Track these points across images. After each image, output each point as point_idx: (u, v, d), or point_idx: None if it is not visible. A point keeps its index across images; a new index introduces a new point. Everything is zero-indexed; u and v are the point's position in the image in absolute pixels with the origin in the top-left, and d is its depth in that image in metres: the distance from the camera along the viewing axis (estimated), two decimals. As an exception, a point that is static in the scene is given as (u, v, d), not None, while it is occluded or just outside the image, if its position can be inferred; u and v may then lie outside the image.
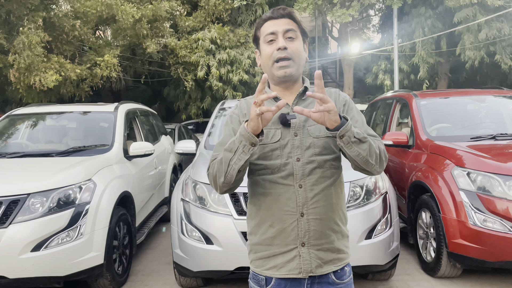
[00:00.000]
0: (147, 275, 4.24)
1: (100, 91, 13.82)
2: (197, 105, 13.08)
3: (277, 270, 1.50)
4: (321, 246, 1.49)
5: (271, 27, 1.54)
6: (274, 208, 1.50)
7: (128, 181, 4.36)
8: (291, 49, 1.52)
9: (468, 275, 3.93)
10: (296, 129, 1.51)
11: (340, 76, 23.13)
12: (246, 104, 1.64)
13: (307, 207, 1.48)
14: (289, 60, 1.51)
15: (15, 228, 3.18)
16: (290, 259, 1.48)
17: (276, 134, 1.51)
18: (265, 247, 1.53)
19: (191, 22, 12.18)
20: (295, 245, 1.48)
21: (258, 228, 1.55)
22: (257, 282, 1.56)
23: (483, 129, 4.67)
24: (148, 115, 6.42)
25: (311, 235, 1.48)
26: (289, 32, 1.53)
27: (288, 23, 1.55)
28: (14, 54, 8.69)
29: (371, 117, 6.76)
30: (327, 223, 1.50)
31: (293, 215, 1.48)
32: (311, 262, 1.48)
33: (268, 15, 1.58)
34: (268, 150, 1.51)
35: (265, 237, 1.52)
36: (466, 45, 12.44)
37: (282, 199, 1.49)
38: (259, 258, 1.55)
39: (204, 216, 3.35)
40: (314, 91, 1.34)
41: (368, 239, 3.30)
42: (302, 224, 1.48)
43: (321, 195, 1.49)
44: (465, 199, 3.56)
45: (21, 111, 5.20)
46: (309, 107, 1.52)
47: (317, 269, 1.48)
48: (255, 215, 1.56)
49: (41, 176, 3.57)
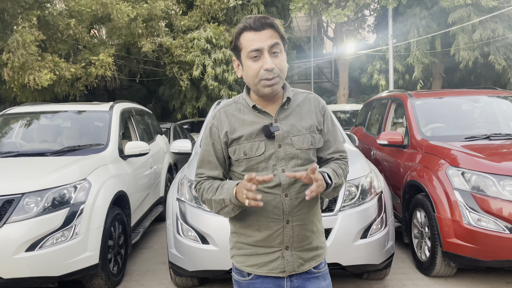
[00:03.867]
0: (142, 275, 4.23)
1: (95, 90, 13.76)
2: (193, 105, 13.05)
3: (257, 268, 1.58)
4: (303, 248, 1.58)
5: (255, 43, 1.49)
6: (262, 214, 1.55)
7: (123, 181, 4.35)
8: (277, 66, 1.51)
9: (462, 274, 3.96)
10: (280, 141, 1.55)
11: (336, 76, 23.19)
12: (225, 115, 1.62)
13: (292, 214, 1.55)
14: (276, 78, 1.51)
15: (9, 228, 3.16)
16: (273, 260, 1.57)
17: (260, 147, 1.55)
18: (248, 246, 1.60)
19: (186, 22, 12.15)
20: (280, 248, 1.56)
21: (244, 230, 1.60)
22: (240, 274, 1.64)
23: (478, 129, 4.70)
24: (143, 114, 6.40)
25: (294, 240, 1.56)
26: (274, 47, 1.51)
27: (272, 35, 1.51)
28: (8, 52, 8.63)
29: (366, 117, 6.78)
30: (309, 227, 1.59)
31: (279, 222, 1.55)
32: (294, 262, 1.57)
33: (249, 23, 1.50)
34: (254, 163, 1.55)
35: (251, 239, 1.59)
36: (460, 46, 12.51)
37: (269, 207, 1.54)
38: (241, 254, 1.62)
39: (199, 216, 3.35)
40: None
41: (363, 238, 3.31)
42: (287, 230, 1.55)
43: (304, 203, 1.56)
44: (459, 198, 3.58)
45: (15, 110, 5.17)
46: (290, 116, 1.59)
47: (299, 267, 1.58)
48: (241, 218, 1.60)
49: (35, 175, 3.55)
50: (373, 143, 5.72)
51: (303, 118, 1.61)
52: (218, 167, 1.62)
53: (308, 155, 1.58)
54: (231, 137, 1.57)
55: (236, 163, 1.59)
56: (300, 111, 1.62)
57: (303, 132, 1.59)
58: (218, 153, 1.62)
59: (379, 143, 4.87)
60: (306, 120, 1.61)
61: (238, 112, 1.60)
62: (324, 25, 22.08)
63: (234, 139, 1.57)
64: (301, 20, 21.12)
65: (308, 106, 1.64)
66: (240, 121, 1.58)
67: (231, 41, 1.59)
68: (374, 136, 5.81)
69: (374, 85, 15.72)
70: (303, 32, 22.32)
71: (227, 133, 1.58)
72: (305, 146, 1.57)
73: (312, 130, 1.61)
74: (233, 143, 1.58)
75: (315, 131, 1.62)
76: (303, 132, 1.59)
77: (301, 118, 1.60)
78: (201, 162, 1.65)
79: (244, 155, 1.55)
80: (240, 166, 1.57)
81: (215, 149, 1.61)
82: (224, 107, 1.65)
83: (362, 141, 6.33)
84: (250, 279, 1.60)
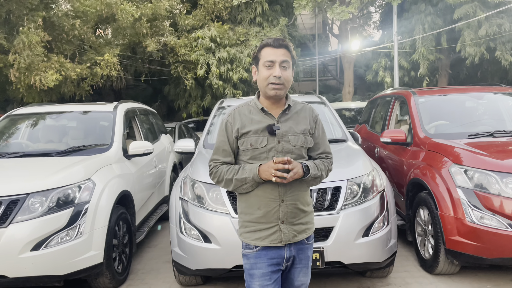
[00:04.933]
0: (146, 274, 4.27)
1: (101, 90, 13.83)
2: (198, 104, 13.08)
3: (261, 241, 1.99)
4: (295, 222, 2.01)
5: (271, 55, 1.96)
6: (262, 195, 1.99)
7: (127, 180, 4.39)
8: (284, 77, 1.97)
9: (466, 272, 3.95)
10: (279, 137, 2.00)
11: (341, 73, 23.12)
12: (238, 114, 2.05)
13: (286, 195, 1.98)
14: (281, 85, 1.97)
15: (15, 228, 3.21)
16: (272, 233, 1.99)
17: (264, 141, 1.99)
18: (252, 223, 2.01)
19: (190, 21, 12.16)
20: (277, 223, 1.99)
21: (248, 209, 2.03)
22: (248, 247, 2.05)
23: (482, 126, 4.67)
24: (147, 114, 6.43)
25: (288, 215, 1.99)
26: (284, 63, 1.97)
27: (284, 54, 1.97)
28: (14, 53, 8.70)
29: (370, 115, 6.77)
30: (299, 206, 2.02)
31: (276, 201, 1.98)
32: (289, 234, 2.00)
33: (270, 42, 1.99)
34: (257, 153, 1.99)
35: (253, 217, 2.01)
36: (466, 42, 12.42)
37: (268, 189, 1.97)
38: (247, 231, 2.03)
39: (202, 215, 3.37)
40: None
41: (365, 236, 3.32)
42: (282, 208, 1.98)
43: (296, 187, 2.00)
44: (462, 196, 3.57)
45: (21, 111, 5.23)
46: (289, 120, 2.04)
47: (293, 238, 2.01)
48: (246, 200, 2.04)
49: (40, 175, 3.60)
50: (377, 141, 5.71)
51: (299, 123, 2.05)
52: (231, 155, 2.06)
53: (300, 152, 2.03)
54: (241, 132, 2.01)
55: (243, 153, 2.03)
56: (297, 117, 2.07)
57: (298, 133, 2.03)
58: (231, 144, 2.04)
59: (382, 141, 4.86)
60: (301, 125, 2.05)
61: (249, 113, 2.05)
62: (329, 22, 22.00)
63: (243, 133, 2.01)
64: (306, 18, 21.07)
65: (304, 114, 2.09)
66: (250, 119, 2.02)
67: (254, 52, 2.07)
68: (378, 134, 5.80)
69: (379, 82, 15.66)
70: (308, 30, 22.26)
71: (238, 129, 2.01)
72: (298, 144, 2.02)
73: (305, 133, 2.05)
74: (242, 136, 2.01)
75: (307, 134, 2.06)
76: (298, 133, 2.03)
77: (297, 123, 2.05)
78: (217, 150, 2.08)
79: (250, 146, 1.99)
80: (246, 155, 2.01)
81: (229, 141, 2.04)
82: (238, 108, 2.09)
83: (366, 139, 6.32)
84: (257, 251, 2.00)
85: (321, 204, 3.29)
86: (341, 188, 3.35)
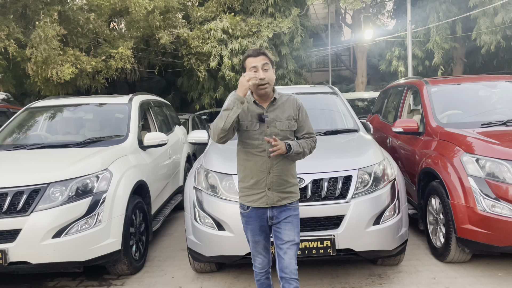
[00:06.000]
0: (163, 261, 4.40)
1: (116, 83, 13.98)
2: (210, 95, 13.14)
3: (253, 203, 2.56)
4: (280, 190, 2.54)
5: (253, 63, 2.51)
6: (254, 168, 2.55)
7: (143, 171, 4.50)
8: (267, 76, 2.52)
9: (477, 260, 3.98)
10: (268, 124, 2.54)
11: (354, 63, 22.94)
12: None
13: (272, 169, 2.52)
14: (267, 84, 2.52)
15: (37, 216, 3.34)
16: (261, 197, 2.54)
17: (256, 126, 2.55)
18: (246, 189, 2.59)
19: (203, 13, 12.18)
20: (264, 190, 2.54)
21: (244, 179, 2.60)
22: (243, 208, 2.63)
23: (495, 115, 4.65)
24: (161, 105, 6.54)
25: (274, 184, 2.53)
26: (265, 65, 2.52)
27: (264, 59, 2.52)
28: (31, 48, 8.85)
29: (383, 105, 6.76)
30: (284, 178, 2.55)
31: (264, 173, 2.53)
32: (273, 198, 2.54)
33: (250, 53, 2.54)
34: (251, 134, 2.55)
35: (247, 184, 2.58)
36: (482, 30, 12.20)
37: (258, 164, 2.53)
38: (243, 195, 2.61)
39: (215, 204, 3.46)
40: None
41: (376, 224, 3.37)
42: (269, 178, 2.53)
43: (281, 163, 2.53)
44: (473, 185, 3.59)
45: (39, 104, 5.37)
46: (276, 110, 2.58)
47: (277, 202, 2.55)
48: (242, 172, 2.61)
49: (60, 166, 3.72)
50: (389, 131, 5.72)
51: (284, 112, 2.59)
52: None
53: (285, 134, 2.56)
54: (240, 118, 2.55)
55: (240, 133, 2.59)
56: (283, 107, 2.60)
57: (283, 120, 2.57)
58: None
59: (394, 131, 4.88)
60: (286, 113, 2.59)
61: (247, 104, 2.57)
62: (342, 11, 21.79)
63: (242, 119, 2.56)
64: (318, 8, 20.89)
65: (289, 104, 2.63)
66: (247, 108, 2.57)
67: (241, 63, 2.63)
68: (390, 124, 5.80)
69: (393, 72, 15.49)
70: (320, 20, 22.05)
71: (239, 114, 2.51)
72: (283, 128, 2.56)
73: (290, 119, 2.58)
74: (240, 120, 2.56)
75: (291, 119, 2.59)
76: (283, 120, 2.57)
77: (283, 112, 2.59)
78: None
79: (245, 128, 2.55)
80: (242, 135, 2.58)
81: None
82: None
83: (378, 129, 6.33)
84: (249, 211, 2.59)
85: (332, 192, 3.34)
86: (352, 177, 3.40)
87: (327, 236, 3.24)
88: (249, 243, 2.70)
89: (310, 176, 3.35)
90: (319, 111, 5.02)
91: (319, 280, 3.73)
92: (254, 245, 2.66)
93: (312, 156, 2.77)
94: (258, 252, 2.67)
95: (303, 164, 3.35)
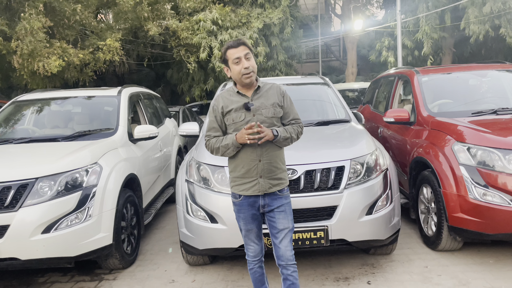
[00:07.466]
0: (155, 254, 4.37)
1: (104, 75, 13.81)
2: (201, 87, 13.05)
3: (246, 191, 2.57)
4: (271, 177, 2.55)
5: (236, 54, 2.51)
6: (244, 157, 2.55)
7: (133, 164, 4.45)
8: (251, 65, 2.53)
9: (468, 248, 4.01)
10: (254, 112, 2.55)
11: (344, 54, 22.95)
12: (221, 97, 2.64)
13: (262, 156, 2.53)
14: (252, 72, 2.53)
15: (25, 211, 3.28)
16: (253, 185, 2.55)
17: (242, 116, 2.56)
18: (238, 178, 2.59)
19: (192, 3, 12.02)
20: (256, 178, 2.54)
21: (235, 168, 2.60)
22: (235, 197, 2.64)
23: (485, 104, 4.67)
24: (151, 98, 6.46)
25: (265, 172, 2.54)
26: (247, 55, 2.53)
27: (244, 48, 2.53)
28: (17, 40, 8.67)
29: (374, 95, 6.76)
30: (274, 164, 2.56)
31: (255, 161, 2.53)
32: (265, 186, 2.55)
33: (231, 44, 2.55)
34: (239, 126, 2.55)
35: (239, 174, 2.58)
36: (470, 19, 12.25)
37: (248, 152, 2.53)
38: (235, 185, 2.62)
39: (208, 196, 3.43)
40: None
41: (368, 214, 3.37)
42: (260, 166, 2.53)
43: (270, 149, 2.54)
44: (465, 173, 3.61)
45: (26, 97, 5.27)
46: (260, 98, 2.59)
47: (269, 189, 2.55)
48: (233, 161, 2.61)
49: (48, 160, 3.65)
50: (380, 121, 5.73)
51: (268, 99, 2.60)
52: (219, 130, 2.64)
53: (272, 121, 2.58)
54: (226, 110, 2.59)
55: (229, 127, 2.60)
56: (267, 95, 2.61)
57: (268, 107, 2.58)
58: (219, 121, 2.63)
59: (385, 121, 4.88)
60: (270, 100, 2.60)
61: (230, 96, 2.63)
62: (332, 2, 21.75)
63: (227, 111, 2.59)
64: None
65: (272, 91, 2.64)
66: (230, 101, 2.60)
67: (221, 56, 2.62)
68: (381, 114, 5.81)
69: (382, 62, 15.53)
70: (310, 10, 21.97)
71: (223, 107, 2.60)
72: (269, 115, 2.57)
73: (275, 106, 2.59)
74: (227, 114, 2.59)
75: (277, 106, 2.60)
76: (269, 107, 2.58)
77: (267, 99, 2.60)
78: (208, 127, 2.67)
79: (232, 121, 2.57)
80: (231, 128, 2.59)
81: (216, 119, 2.63)
82: (221, 93, 2.68)
83: (369, 119, 6.33)
84: (241, 199, 2.60)
85: (325, 183, 3.33)
86: (345, 168, 3.39)
87: (320, 226, 3.23)
88: (242, 231, 2.71)
89: (303, 167, 3.33)
90: (311, 102, 5.00)
91: (312, 270, 3.74)
92: (246, 233, 2.68)
93: (304, 147, 2.74)
94: (251, 240, 2.69)
95: (295, 155, 3.35)
